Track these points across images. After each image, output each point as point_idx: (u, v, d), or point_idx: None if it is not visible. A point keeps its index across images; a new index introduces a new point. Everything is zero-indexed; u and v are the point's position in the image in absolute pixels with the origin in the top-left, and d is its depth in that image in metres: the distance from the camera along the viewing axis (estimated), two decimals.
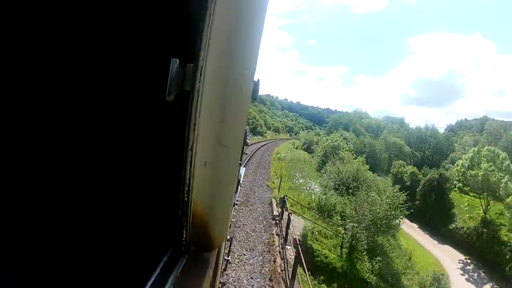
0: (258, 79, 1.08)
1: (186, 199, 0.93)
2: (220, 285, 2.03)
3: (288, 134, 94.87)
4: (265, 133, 65.27)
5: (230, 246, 4.19)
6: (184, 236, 0.97)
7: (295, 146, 51.79)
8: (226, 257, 3.13)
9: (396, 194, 17.95)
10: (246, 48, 0.91)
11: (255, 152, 30.49)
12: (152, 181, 1.20)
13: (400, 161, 47.75)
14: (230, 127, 0.92)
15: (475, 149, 34.06)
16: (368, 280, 13.81)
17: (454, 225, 30.84)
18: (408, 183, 37.85)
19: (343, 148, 40.60)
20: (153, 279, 0.88)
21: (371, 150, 52.04)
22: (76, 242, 1.15)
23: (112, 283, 1.12)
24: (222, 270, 2.75)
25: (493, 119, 75.55)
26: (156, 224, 1.13)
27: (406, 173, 41.74)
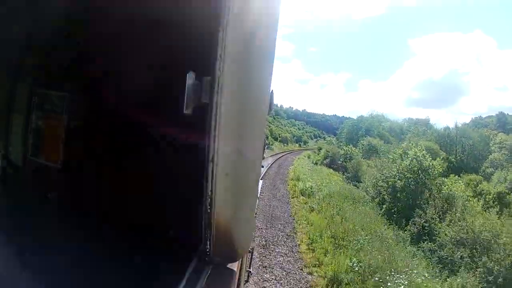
0: (272, 90, 1.24)
1: (209, 210, 1.07)
2: None
3: (298, 145, 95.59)
4: (272, 144, 65.57)
5: (251, 257, 4.39)
6: (208, 247, 1.11)
7: (314, 161, 48.99)
8: (248, 269, 3.28)
9: None
10: (261, 59, 1.07)
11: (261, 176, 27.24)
12: (175, 193, 1.35)
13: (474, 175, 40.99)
14: (249, 137, 1.07)
15: None
16: None
17: None
18: None
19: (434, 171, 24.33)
20: None
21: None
22: (96, 255, 1.29)
23: None
24: (245, 282, 2.90)
25: (508, 114, 75.72)
26: (181, 235, 1.28)
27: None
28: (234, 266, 1.24)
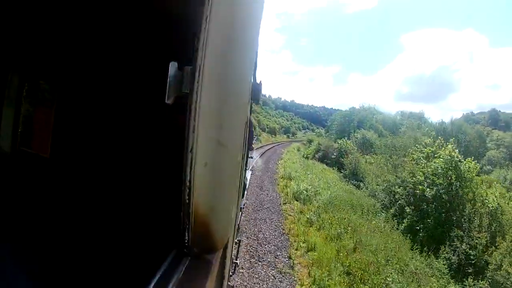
0: (261, 81, 1.32)
1: (187, 200, 1.14)
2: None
3: (286, 136, 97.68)
4: (260, 136, 65.92)
5: (238, 249, 4.57)
6: (187, 237, 1.18)
7: (305, 155, 48.41)
8: (234, 260, 3.42)
9: None
10: (243, 49, 1.14)
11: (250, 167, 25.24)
12: (154, 182, 1.42)
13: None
14: (229, 127, 1.14)
15: None
16: None
17: None
18: None
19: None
20: (156, 280, 1.09)
21: (398, 150, 50.86)
22: (79, 244, 1.36)
23: (115, 284, 1.32)
24: (231, 274, 3.03)
25: (500, 111, 79.49)
26: (159, 225, 1.35)
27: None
28: (214, 257, 1.32)
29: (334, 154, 45.16)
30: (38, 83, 1.74)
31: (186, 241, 1.19)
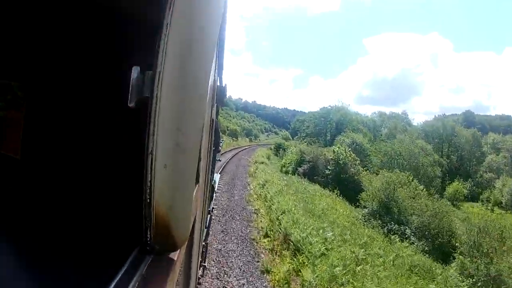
0: (226, 84, 1.69)
1: (148, 200, 1.47)
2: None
3: (248, 139, 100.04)
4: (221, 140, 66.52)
5: (206, 252, 5.07)
6: (149, 236, 1.51)
7: (284, 169, 51.14)
8: (203, 263, 3.81)
9: None
10: (203, 53, 1.48)
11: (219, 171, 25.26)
12: (118, 183, 1.75)
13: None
14: (188, 130, 1.47)
15: None
16: None
17: None
18: None
19: None
20: (118, 278, 1.40)
21: (411, 159, 54.05)
22: (44, 242, 1.66)
23: (77, 282, 1.62)
24: (199, 276, 3.44)
25: (475, 113, 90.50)
26: (122, 224, 1.68)
27: None
28: (175, 255, 1.67)
29: (328, 168, 48.07)
30: (8, 82, 2.08)
31: (148, 239, 1.53)
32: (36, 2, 1.88)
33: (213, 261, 11.53)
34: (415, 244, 24.41)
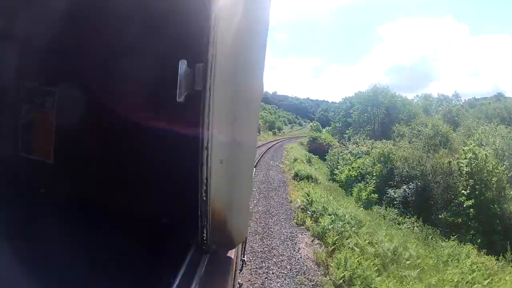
0: None
1: (204, 198, 1.78)
2: (238, 286, 3.11)
3: (271, 132, 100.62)
4: None
5: (244, 246, 5.54)
6: (205, 235, 1.83)
7: (359, 195, 36.59)
8: (242, 258, 4.20)
9: None
10: (254, 44, 1.80)
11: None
12: (171, 181, 2.11)
13: None
14: (243, 123, 1.78)
15: None
16: None
17: None
18: None
19: None
20: (178, 279, 1.72)
21: None
22: (100, 244, 2.06)
23: (138, 284, 1.97)
24: (239, 271, 3.85)
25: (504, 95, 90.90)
26: (177, 223, 2.06)
27: None
28: (232, 254, 2.00)
29: (464, 193, 29.95)
30: (37, 86, 2.56)
31: (204, 238, 1.85)
32: None
33: None
34: None
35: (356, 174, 45.49)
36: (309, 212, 20.16)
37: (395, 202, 36.31)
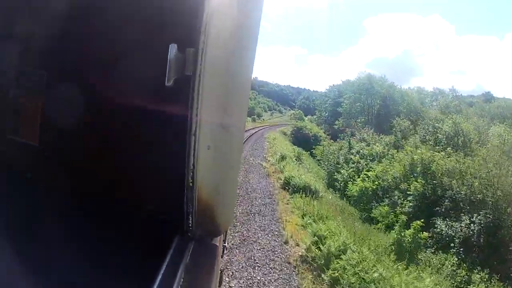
0: None
1: (191, 184, 1.97)
2: (219, 272, 3.37)
3: (250, 119, 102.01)
4: None
5: (226, 232, 5.85)
6: (190, 222, 2.03)
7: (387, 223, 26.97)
8: (223, 244, 4.49)
9: None
10: (246, 31, 1.98)
11: None
12: (157, 167, 2.33)
13: None
14: (232, 110, 1.97)
15: None
16: None
17: None
18: None
19: None
20: (164, 266, 1.90)
21: None
22: (83, 231, 2.26)
23: (124, 271, 2.15)
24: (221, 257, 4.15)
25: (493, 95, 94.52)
26: (162, 210, 2.26)
27: None
28: (217, 241, 2.19)
29: None
30: (26, 70, 2.75)
31: (190, 225, 2.06)
32: None
33: None
34: None
35: (374, 187, 35.32)
36: None
37: (450, 243, 25.10)
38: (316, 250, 14.87)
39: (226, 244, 6.59)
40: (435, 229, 26.12)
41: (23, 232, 2.35)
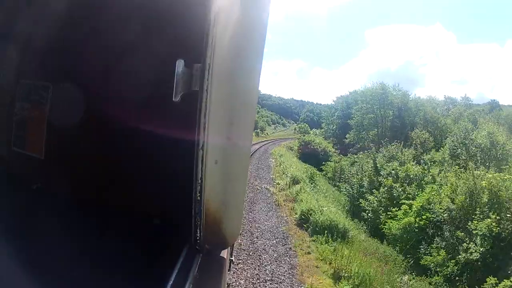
0: None
1: (199, 198, 2.14)
2: (226, 286, 3.54)
3: (254, 133, 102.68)
4: None
5: (233, 246, 6.05)
6: (198, 235, 2.19)
7: None
8: (230, 258, 4.70)
9: None
10: (252, 47, 2.17)
11: None
12: (166, 181, 2.52)
13: None
14: (239, 124, 2.14)
15: None
16: None
17: None
18: None
19: None
20: (173, 278, 2.07)
21: None
22: (94, 241, 2.46)
23: (132, 283, 2.33)
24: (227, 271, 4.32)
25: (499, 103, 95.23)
26: (170, 223, 2.45)
27: None
28: (225, 253, 2.35)
29: None
30: (32, 82, 2.99)
31: (197, 238, 2.22)
32: None
33: None
34: None
35: (422, 223, 29.95)
36: None
37: None
38: None
39: (232, 258, 6.88)
40: None
41: (27, 237, 2.59)
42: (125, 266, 2.43)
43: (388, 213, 33.75)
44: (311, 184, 37.52)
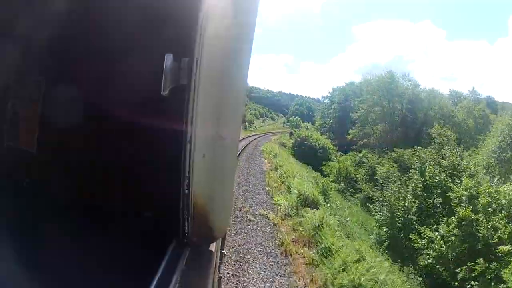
0: None
1: (186, 191, 2.37)
2: (218, 279, 3.80)
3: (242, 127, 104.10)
4: None
5: (224, 239, 6.37)
6: (186, 228, 2.42)
7: None
8: (222, 250, 4.97)
9: None
10: (240, 41, 2.40)
11: None
12: (153, 174, 2.79)
13: None
14: (228, 118, 2.38)
15: None
16: None
17: None
18: None
19: None
20: (160, 272, 2.30)
21: None
22: (79, 236, 2.70)
23: (119, 277, 2.56)
24: (219, 264, 4.49)
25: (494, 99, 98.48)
26: (158, 217, 2.69)
27: None
28: (213, 247, 2.58)
29: None
30: (23, 78, 3.17)
31: (186, 231, 2.46)
32: None
33: None
34: None
35: None
36: None
37: None
38: None
39: (224, 251, 7.29)
40: None
41: (21, 236, 2.83)
42: (111, 261, 2.68)
43: (473, 266, 24.02)
44: (327, 203, 31.50)
